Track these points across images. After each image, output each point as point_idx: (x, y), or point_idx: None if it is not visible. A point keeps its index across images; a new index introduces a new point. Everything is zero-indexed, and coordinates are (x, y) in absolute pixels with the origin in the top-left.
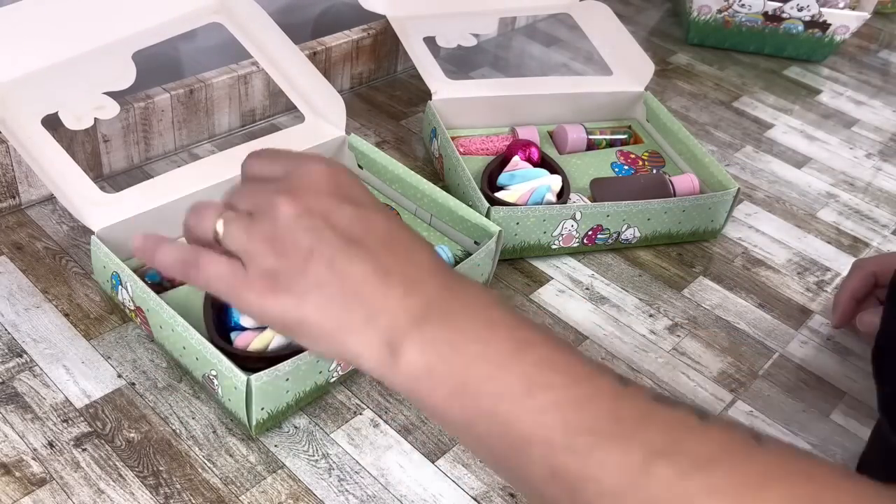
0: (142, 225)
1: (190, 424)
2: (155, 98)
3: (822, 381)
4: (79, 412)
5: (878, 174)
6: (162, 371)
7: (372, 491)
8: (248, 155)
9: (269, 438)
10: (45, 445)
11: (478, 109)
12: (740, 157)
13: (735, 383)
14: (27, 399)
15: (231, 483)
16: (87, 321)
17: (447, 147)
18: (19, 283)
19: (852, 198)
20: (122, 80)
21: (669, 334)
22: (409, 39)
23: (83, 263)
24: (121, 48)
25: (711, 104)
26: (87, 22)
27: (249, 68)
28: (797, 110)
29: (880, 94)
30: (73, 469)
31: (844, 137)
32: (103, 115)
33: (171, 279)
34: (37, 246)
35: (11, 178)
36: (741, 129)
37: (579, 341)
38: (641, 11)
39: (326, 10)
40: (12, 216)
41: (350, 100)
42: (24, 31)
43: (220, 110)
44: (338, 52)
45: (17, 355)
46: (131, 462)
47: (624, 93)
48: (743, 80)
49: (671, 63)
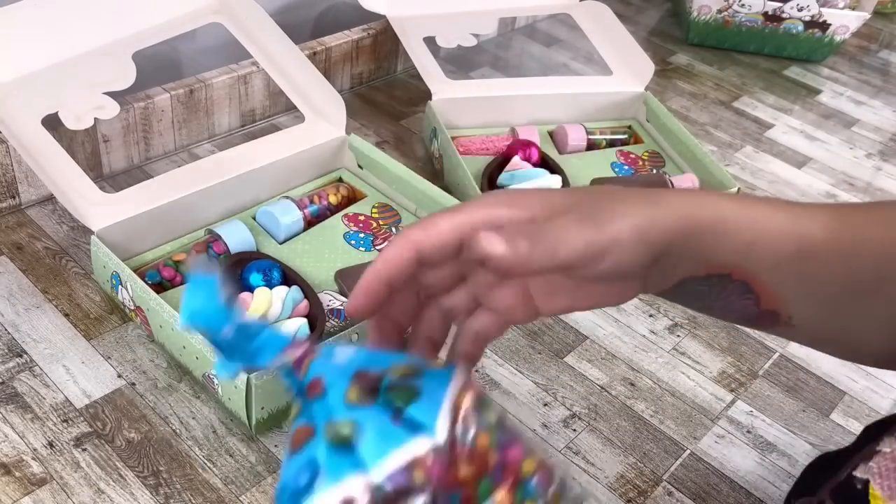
0: (142, 225)
1: (190, 424)
2: (155, 98)
3: (823, 381)
4: (79, 412)
5: (878, 174)
6: (162, 371)
7: None
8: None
9: (269, 438)
10: (46, 445)
11: (478, 109)
12: (740, 157)
13: (735, 383)
14: (27, 399)
15: (231, 483)
16: (87, 321)
17: (447, 147)
18: (19, 283)
19: (852, 198)
20: (122, 80)
21: (669, 334)
22: (409, 39)
23: (83, 263)
24: (121, 48)
25: (711, 104)
26: (87, 22)
27: (249, 68)
28: (797, 110)
29: (880, 94)
30: (73, 469)
31: (844, 137)
32: (103, 115)
33: (171, 279)
34: (37, 246)
35: (11, 178)
36: (741, 129)
37: (579, 341)
38: (641, 11)
39: (326, 9)
40: (12, 216)
41: (350, 100)
42: (24, 31)
43: (220, 110)
44: (338, 52)
45: (17, 355)
46: (131, 462)
47: (624, 93)
48: (743, 80)
49: (671, 63)
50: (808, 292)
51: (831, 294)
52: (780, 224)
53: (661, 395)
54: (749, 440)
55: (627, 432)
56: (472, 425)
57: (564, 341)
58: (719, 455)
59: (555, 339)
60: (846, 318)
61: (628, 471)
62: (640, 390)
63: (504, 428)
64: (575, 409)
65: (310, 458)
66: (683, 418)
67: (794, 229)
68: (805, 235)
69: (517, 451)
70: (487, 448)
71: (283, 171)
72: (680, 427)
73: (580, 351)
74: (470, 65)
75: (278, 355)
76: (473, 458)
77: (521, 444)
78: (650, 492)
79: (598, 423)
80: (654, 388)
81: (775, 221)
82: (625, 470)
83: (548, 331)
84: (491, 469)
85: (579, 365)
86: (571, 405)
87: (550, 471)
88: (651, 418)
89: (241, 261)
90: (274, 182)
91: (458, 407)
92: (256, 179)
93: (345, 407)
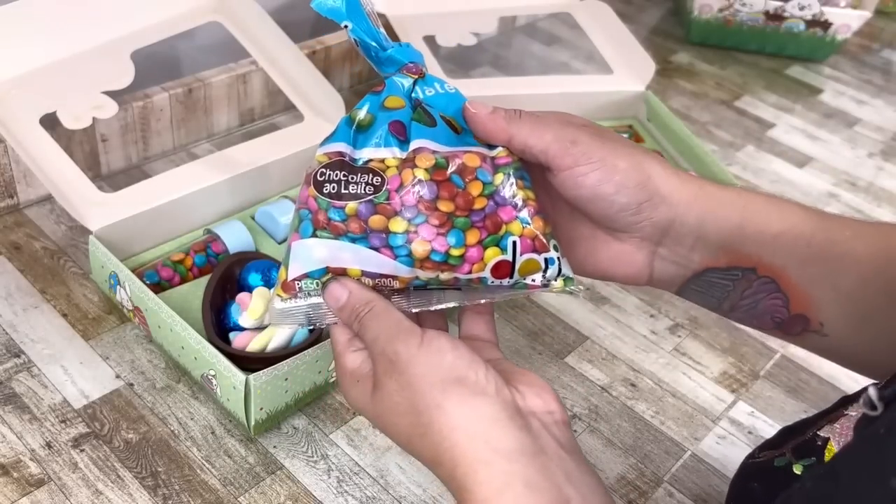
0: (140, 225)
1: (188, 425)
2: (153, 97)
3: (824, 382)
4: (77, 413)
5: (879, 173)
6: (160, 371)
7: (371, 492)
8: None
9: (267, 439)
10: (43, 446)
11: None
12: (742, 157)
13: (736, 384)
14: (25, 399)
15: (230, 484)
16: (86, 321)
17: None
18: (17, 283)
19: (854, 197)
20: (120, 80)
21: (670, 334)
22: (409, 38)
23: (81, 263)
24: (119, 47)
25: (712, 103)
26: (85, 21)
27: (248, 67)
28: (799, 110)
29: (882, 94)
30: (71, 470)
31: (846, 137)
32: (102, 114)
33: (170, 279)
34: (35, 246)
35: (10, 177)
36: (742, 128)
37: (580, 341)
38: (642, 10)
39: None
40: (10, 216)
41: (349, 99)
42: (21, 30)
43: (218, 109)
44: (337, 51)
45: (14, 355)
46: (130, 463)
47: (625, 92)
48: (744, 80)
49: (672, 62)
50: (839, 297)
51: (863, 300)
52: (810, 221)
53: (662, 395)
54: (750, 441)
55: (628, 433)
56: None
57: (565, 342)
58: (720, 456)
59: (555, 339)
60: (880, 327)
61: (629, 472)
62: (641, 391)
63: (506, 193)
64: (575, 410)
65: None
66: (684, 419)
67: (825, 229)
68: (836, 239)
69: (507, 212)
70: (477, 193)
71: (282, 171)
72: (681, 428)
73: (580, 351)
74: (470, 64)
75: (400, 68)
76: (456, 196)
77: (520, 211)
78: (651, 493)
79: (599, 424)
80: (654, 388)
81: (804, 218)
82: (625, 471)
83: (548, 331)
84: (473, 213)
85: (580, 365)
86: (572, 406)
87: (541, 247)
88: (652, 419)
89: (240, 261)
90: (273, 182)
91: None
92: (255, 179)
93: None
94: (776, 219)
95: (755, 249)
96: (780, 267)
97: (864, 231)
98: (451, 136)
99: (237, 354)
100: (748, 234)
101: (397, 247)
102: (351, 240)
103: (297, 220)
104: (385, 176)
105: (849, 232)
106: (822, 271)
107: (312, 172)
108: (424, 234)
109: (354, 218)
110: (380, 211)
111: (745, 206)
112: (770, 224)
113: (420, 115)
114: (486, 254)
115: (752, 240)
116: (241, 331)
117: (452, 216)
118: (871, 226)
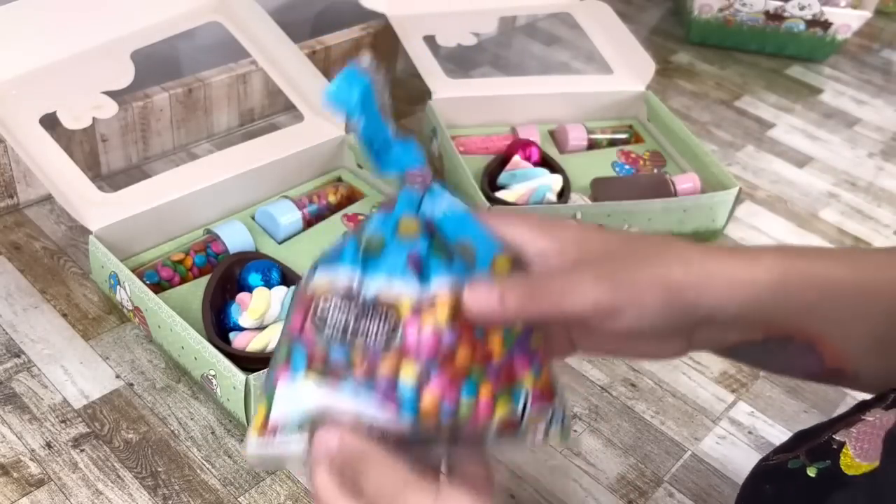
0: (140, 225)
1: (188, 425)
2: (153, 97)
3: None
4: (77, 413)
5: (879, 174)
6: (160, 371)
7: None
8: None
9: None
10: (43, 446)
11: (478, 109)
12: (742, 157)
13: (736, 384)
14: (25, 399)
15: (230, 484)
16: (86, 321)
17: (447, 146)
18: (17, 283)
19: (854, 197)
20: (120, 80)
21: None
22: (409, 38)
23: (81, 263)
24: (119, 47)
25: (712, 103)
26: (85, 21)
27: (248, 67)
28: (799, 110)
29: (882, 94)
30: (71, 470)
31: (846, 137)
32: (101, 114)
33: (170, 279)
34: (35, 246)
35: (9, 177)
36: (742, 128)
37: None
38: (642, 10)
39: (326, 8)
40: (10, 216)
41: None
42: (21, 30)
43: (218, 109)
44: (337, 51)
45: (14, 355)
46: (130, 463)
47: (625, 92)
48: (744, 80)
49: (672, 62)
50: (872, 344)
51: (888, 333)
52: (845, 276)
53: (662, 395)
54: (750, 441)
55: (628, 433)
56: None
57: None
58: (720, 456)
59: None
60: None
61: (629, 472)
62: (641, 391)
63: (526, 342)
64: (576, 410)
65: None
66: (684, 419)
67: (854, 272)
68: (864, 282)
69: (523, 363)
70: (498, 348)
71: (281, 171)
72: (681, 428)
73: None
74: (470, 64)
75: (402, 173)
76: (475, 347)
77: (534, 361)
78: (651, 493)
79: (599, 424)
80: (654, 388)
81: (838, 273)
82: (626, 471)
83: None
84: (490, 364)
85: (580, 366)
86: (572, 406)
87: (549, 397)
88: (652, 419)
89: (240, 261)
90: (273, 182)
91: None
92: (255, 179)
93: (398, 238)
94: (811, 286)
95: (794, 322)
96: (816, 333)
97: (883, 261)
98: (466, 270)
99: (237, 354)
100: (787, 309)
101: (404, 396)
102: (352, 385)
103: (286, 349)
104: (400, 316)
105: (872, 267)
106: (856, 325)
107: (313, 305)
108: (436, 385)
109: (360, 362)
110: (391, 356)
111: (782, 277)
112: (805, 293)
113: (438, 246)
114: (497, 409)
115: (789, 314)
116: (241, 331)
117: (469, 367)
118: (885, 253)
